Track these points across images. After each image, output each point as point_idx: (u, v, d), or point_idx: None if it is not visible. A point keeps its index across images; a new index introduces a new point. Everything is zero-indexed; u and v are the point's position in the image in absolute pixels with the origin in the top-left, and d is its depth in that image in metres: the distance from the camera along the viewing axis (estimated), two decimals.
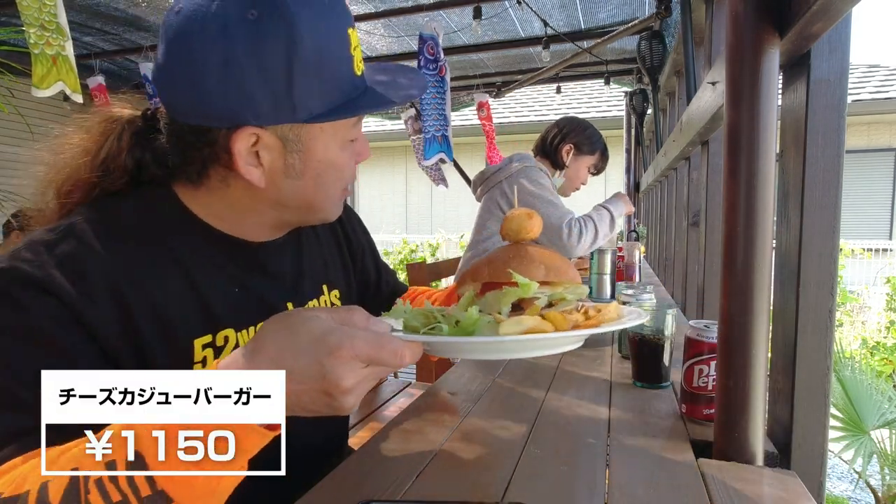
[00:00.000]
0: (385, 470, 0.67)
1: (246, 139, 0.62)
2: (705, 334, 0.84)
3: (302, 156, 0.65)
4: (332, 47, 0.61)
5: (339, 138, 0.67)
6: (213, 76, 0.58)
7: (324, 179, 0.68)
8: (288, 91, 0.59)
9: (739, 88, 0.71)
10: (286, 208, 0.71)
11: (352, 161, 0.72)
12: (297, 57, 0.58)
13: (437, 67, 3.23)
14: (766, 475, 0.68)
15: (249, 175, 0.64)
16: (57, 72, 2.53)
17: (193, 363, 0.65)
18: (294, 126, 0.63)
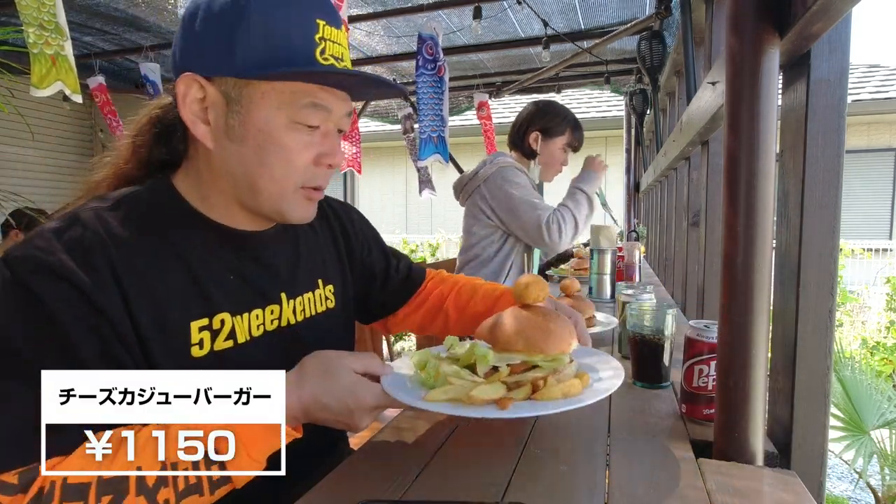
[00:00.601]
0: (385, 470, 0.67)
1: (188, 83, 0.65)
2: (705, 334, 0.84)
3: (242, 118, 0.66)
4: (284, 21, 0.64)
5: (283, 113, 0.67)
6: (182, 30, 0.67)
7: (267, 155, 0.68)
8: (230, 44, 0.63)
9: (739, 88, 0.71)
10: (239, 183, 0.71)
11: (305, 152, 0.70)
12: (244, 19, 0.63)
13: (435, 67, 3.23)
14: (766, 475, 0.68)
15: (196, 129, 0.67)
16: (56, 72, 2.53)
17: (191, 345, 0.68)
18: (237, 85, 0.65)
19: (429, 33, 3.15)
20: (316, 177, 0.73)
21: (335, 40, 0.68)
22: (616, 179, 8.65)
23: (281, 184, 0.70)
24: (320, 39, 0.66)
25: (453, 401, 0.68)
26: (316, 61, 0.66)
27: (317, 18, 0.66)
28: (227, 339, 0.71)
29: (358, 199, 10.30)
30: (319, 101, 0.68)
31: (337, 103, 0.71)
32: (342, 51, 0.69)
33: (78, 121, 6.26)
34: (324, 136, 0.71)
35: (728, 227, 0.71)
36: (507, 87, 4.86)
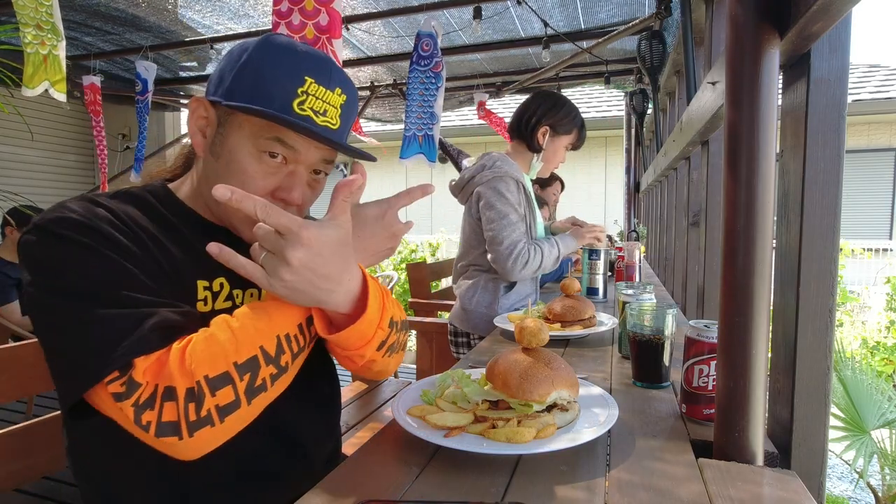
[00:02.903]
0: (385, 470, 0.67)
1: (197, 104, 0.79)
2: (705, 334, 0.84)
3: (222, 139, 0.78)
4: (272, 69, 0.74)
5: (250, 142, 0.76)
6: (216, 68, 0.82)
7: (229, 173, 0.77)
8: (228, 79, 0.76)
9: (739, 88, 0.71)
10: (209, 190, 0.77)
11: (263, 181, 0.77)
12: (243, 62, 0.76)
13: (430, 63, 3.19)
14: (766, 475, 0.68)
15: (194, 137, 0.80)
16: (44, 71, 2.53)
17: (197, 300, 0.77)
18: (226, 112, 0.77)
19: (427, 31, 3.13)
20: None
21: (320, 97, 0.75)
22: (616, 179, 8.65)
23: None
24: (302, 93, 0.74)
25: (424, 419, 0.77)
26: (290, 110, 0.73)
27: (305, 75, 0.74)
28: (226, 301, 0.80)
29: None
30: (285, 139, 0.76)
31: (306, 147, 0.77)
32: (326, 107, 0.76)
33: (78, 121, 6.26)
34: (289, 174, 0.78)
35: (728, 227, 0.71)
36: (507, 87, 4.86)
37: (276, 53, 0.75)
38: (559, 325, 1.44)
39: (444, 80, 3.23)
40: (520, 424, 0.72)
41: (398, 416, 0.78)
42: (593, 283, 2.10)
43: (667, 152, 2.38)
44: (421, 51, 3.15)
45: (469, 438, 0.72)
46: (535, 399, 0.74)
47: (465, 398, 0.79)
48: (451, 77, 4.77)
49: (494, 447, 0.69)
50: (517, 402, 0.75)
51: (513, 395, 0.75)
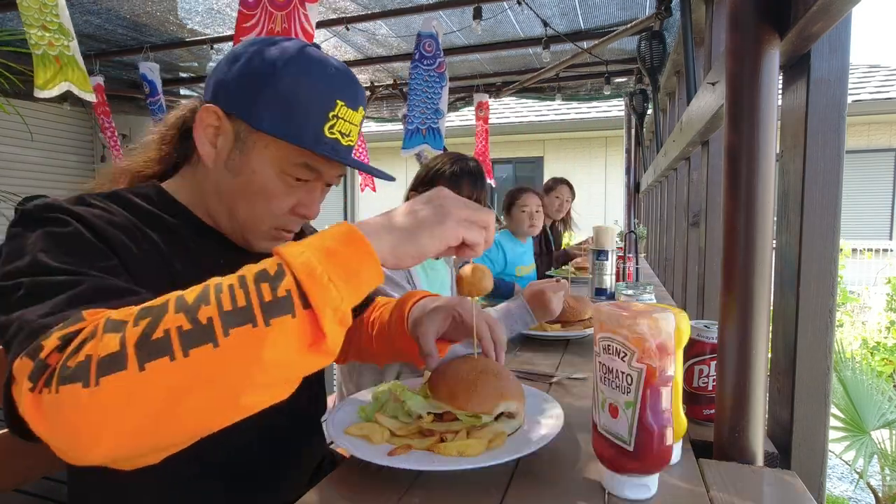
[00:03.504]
0: (385, 471, 0.67)
1: (209, 113, 0.74)
2: (705, 334, 0.84)
3: (241, 157, 0.75)
4: (307, 96, 0.72)
5: (277, 165, 0.75)
6: (222, 67, 0.76)
7: (251, 193, 0.75)
8: (253, 98, 0.72)
9: (739, 88, 0.71)
10: (222, 204, 0.78)
11: (285, 199, 0.77)
12: (273, 83, 0.72)
13: (434, 64, 3.18)
14: (766, 475, 0.68)
15: (203, 147, 0.75)
16: (63, 72, 2.52)
17: None
18: (248, 129, 0.74)
19: (428, 31, 3.13)
20: (289, 222, 0.80)
21: (347, 119, 0.76)
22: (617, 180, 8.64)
23: (256, 220, 0.78)
24: (333, 117, 0.74)
25: (365, 438, 0.71)
26: (322, 136, 0.73)
27: (338, 98, 0.74)
28: None
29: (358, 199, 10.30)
30: (312, 164, 0.75)
31: (329, 169, 0.78)
32: (350, 128, 0.77)
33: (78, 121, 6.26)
34: (308, 191, 0.79)
35: (728, 227, 0.71)
36: (508, 88, 4.86)
37: (312, 77, 0.72)
38: (559, 325, 1.44)
39: (447, 80, 3.23)
40: (469, 436, 0.70)
41: (336, 437, 0.72)
42: (601, 283, 2.10)
43: (667, 152, 2.38)
44: (424, 51, 3.15)
45: (418, 455, 0.68)
46: (485, 411, 0.71)
47: (408, 412, 0.75)
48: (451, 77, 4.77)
49: (445, 463, 0.65)
50: (465, 414, 0.72)
51: (460, 406, 0.71)
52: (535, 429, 0.75)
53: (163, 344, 0.47)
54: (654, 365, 0.57)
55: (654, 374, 0.57)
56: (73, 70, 2.55)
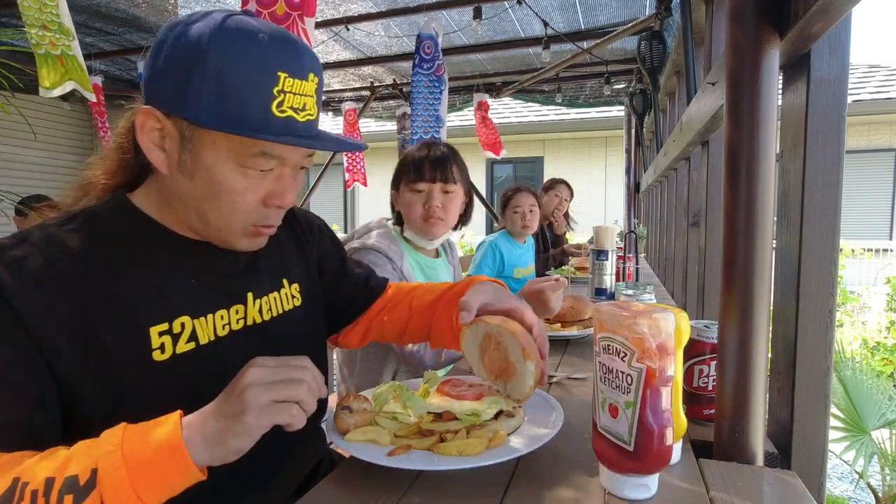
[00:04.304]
0: (385, 471, 0.67)
1: (147, 116, 0.67)
2: (705, 334, 0.84)
3: (192, 156, 0.68)
4: (241, 75, 0.64)
5: (232, 159, 0.68)
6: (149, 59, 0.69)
7: (213, 193, 0.69)
8: (185, 90, 0.64)
9: (739, 88, 0.71)
10: (189, 210, 0.72)
11: (252, 193, 0.70)
12: (200, 67, 0.63)
13: (433, 66, 3.19)
14: (766, 475, 0.68)
15: (151, 154, 0.69)
16: (66, 71, 2.52)
17: (151, 349, 0.68)
18: (189, 126, 0.66)
19: (428, 33, 3.13)
20: (267, 216, 0.74)
21: (297, 91, 0.67)
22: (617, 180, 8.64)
23: (228, 220, 0.72)
24: (279, 92, 0.65)
25: (370, 441, 0.71)
26: (271, 116, 0.65)
27: (278, 70, 0.65)
28: (188, 342, 0.71)
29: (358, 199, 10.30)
30: (270, 151, 0.68)
31: (290, 152, 0.71)
32: (304, 100, 0.68)
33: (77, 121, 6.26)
34: (276, 179, 0.72)
35: (728, 227, 0.71)
36: (508, 88, 4.86)
37: (239, 49, 0.64)
38: (559, 325, 1.44)
39: (446, 84, 3.23)
40: (469, 435, 0.70)
41: (335, 438, 0.72)
42: (601, 283, 2.10)
43: (667, 153, 2.38)
44: (423, 54, 3.15)
45: (418, 455, 0.68)
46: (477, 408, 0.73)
47: (407, 412, 0.75)
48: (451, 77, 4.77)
49: (445, 463, 0.65)
50: (463, 413, 0.73)
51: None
52: (535, 428, 0.75)
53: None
54: (654, 365, 0.57)
55: (654, 375, 0.57)
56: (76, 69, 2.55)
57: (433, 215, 1.44)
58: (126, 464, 0.53)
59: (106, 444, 0.54)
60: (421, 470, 0.68)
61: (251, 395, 0.57)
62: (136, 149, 0.73)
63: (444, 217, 1.46)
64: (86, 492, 0.51)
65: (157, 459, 0.54)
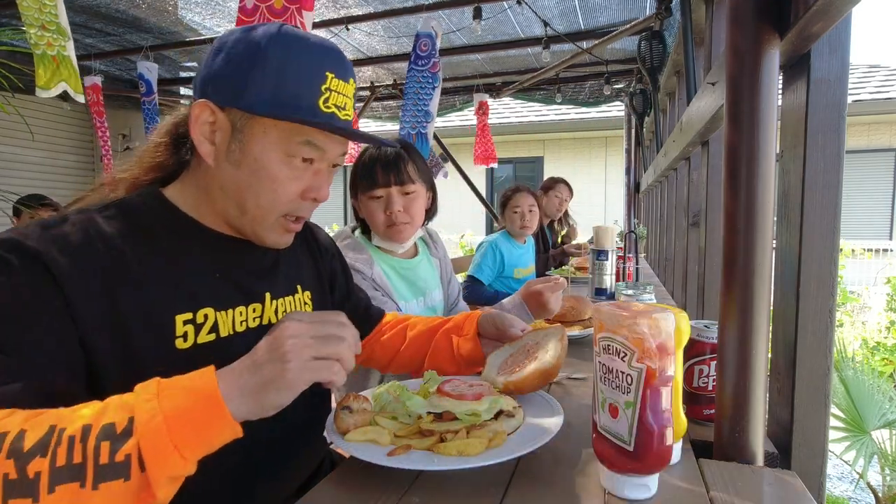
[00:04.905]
0: (385, 471, 0.67)
1: (202, 108, 0.73)
2: (705, 334, 0.84)
3: (242, 146, 0.73)
4: (296, 72, 0.71)
5: (279, 147, 0.73)
6: (207, 62, 0.75)
7: (257, 181, 0.74)
8: (244, 83, 0.71)
9: (739, 88, 0.71)
10: (229, 200, 0.76)
11: (293, 184, 0.75)
12: (261, 64, 0.71)
13: (428, 63, 3.18)
14: (766, 475, 0.68)
15: (201, 146, 0.74)
16: (59, 73, 2.52)
17: (175, 337, 0.70)
18: (243, 117, 0.72)
19: (426, 31, 3.13)
20: (300, 208, 0.79)
21: (340, 91, 0.75)
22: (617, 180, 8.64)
23: (265, 209, 0.76)
24: (326, 90, 0.73)
25: (370, 442, 0.71)
26: (318, 109, 0.72)
27: (327, 71, 0.73)
28: (209, 333, 0.74)
29: None
30: (315, 141, 0.75)
31: (332, 145, 0.77)
32: (345, 101, 0.76)
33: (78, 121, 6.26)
34: (315, 173, 0.78)
35: (728, 227, 0.71)
36: (508, 88, 4.86)
37: (296, 50, 0.72)
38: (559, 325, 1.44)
39: (440, 81, 3.23)
40: (469, 435, 0.70)
41: (335, 439, 0.73)
42: (601, 283, 2.10)
43: (667, 153, 2.38)
44: (419, 51, 3.15)
45: (418, 455, 0.68)
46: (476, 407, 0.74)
47: (407, 412, 0.75)
48: (451, 77, 4.77)
49: (445, 463, 0.65)
50: (463, 413, 0.73)
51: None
52: (535, 428, 0.75)
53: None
54: (654, 365, 0.57)
55: (654, 375, 0.57)
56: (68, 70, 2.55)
57: (396, 221, 1.38)
58: (163, 412, 0.52)
59: (142, 394, 0.54)
60: (421, 470, 0.68)
61: (293, 350, 0.57)
62: (174, 146, 0.80)
63: (409, 219, 1.41)
64: (123, 439, 0.50)
65: (195, 410, 0.53)
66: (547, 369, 0.84)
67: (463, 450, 0.67)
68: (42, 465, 0.48)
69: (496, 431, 0.71)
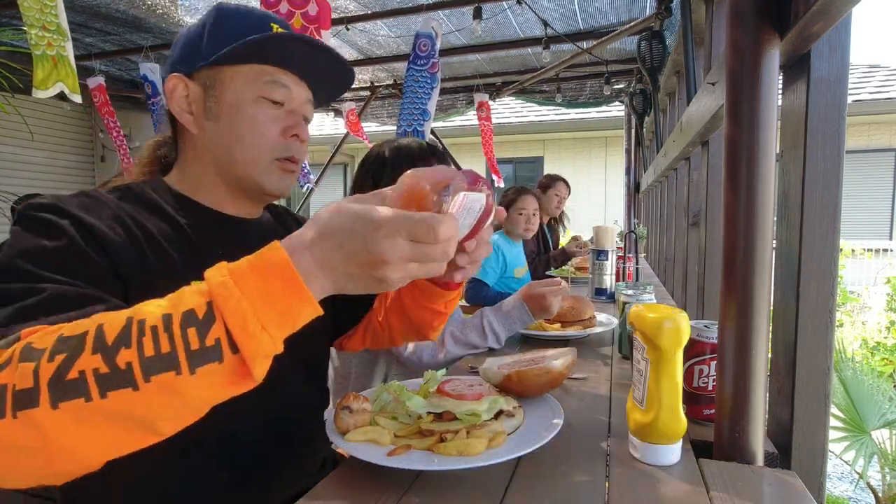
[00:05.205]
0: (385, 471, 0.67)
1: (175, 82, 0.79)
2: (705, 334, 0.84)
3: (216, 100, 0.79)
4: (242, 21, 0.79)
5: (249, 90, 0.78)
6: (170, 53, 0.84)
7: (238, 126, 0.79)
8: (199, 43, 0.79)
9: (739, 88, 0.71)
10: (220, 161, 0.81)
11: (272, 125, 0.80)
12: (210, 27, 0.79)
13: (427, 64, 3.19)
14: (766, 475, 0.68)
15: (181, 117, 0.80)
16: (57, 72, 2.52)
17: None
18: (209, 74, 0.79)
19: (426, 31, 3.13)
20: (287, 147, 0.82)
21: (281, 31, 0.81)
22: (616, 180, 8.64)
23: (253, 152, 0.80)
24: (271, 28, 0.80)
25: (370, 442, 0.71)
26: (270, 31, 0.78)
27: (271, 22, 0.81)
28: None
29: None
30: (278, 79, 0.80)
31: (294, 85, 0.82)
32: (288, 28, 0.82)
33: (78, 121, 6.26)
34: (288, 113, 0.82)
35: (728, 227, 0.71)
36: (508, 88, 4.86)
37: (238, 11, 0.81)
38: (559, 325, 1.44)
39: (439, 81, 3.24)
40: (469, 435, 0.70)
41: (335, 438, 0.73)
42: (601, 283, 2.09)
43: (667, 153, 2.38)
44: (419, 51, 3.16)
45: (418, 455, 0.68)
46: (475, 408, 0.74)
47: (407, 412, 0.75)
48: (451, 77, 4.77)
49: (445, 463, 0.65)
50: (463, 413, 0.73)
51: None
52: (535, 428, 0.75)
53: (78, 385, 0.46)
54: None
55: None
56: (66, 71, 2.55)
57: None
58: (244, 294, 0.49)
59: (215, 276, 0.50)
60: (421, 470, 0.68)
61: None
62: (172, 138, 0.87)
63: None
64: (207, 324, 0.48)
65: (274, 288, 0.50)
66: (553, 374, 0.84)
67: (463, 450, 0.67)
68: (130, 355, 0.47)
69: (496, 431, 0.71)
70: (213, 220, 0.82)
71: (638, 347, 0.72)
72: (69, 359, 0.47)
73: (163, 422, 0.50)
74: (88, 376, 0.46)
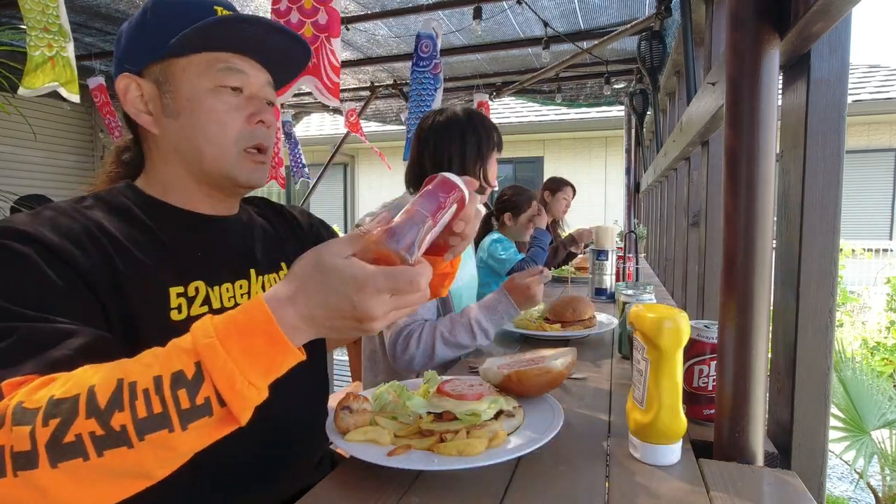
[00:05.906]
0: (385, 471, 0.67)
1: (126, 83, 0.76)
2: (705, 334, 0.84)
3: (172, 95, 0.75)
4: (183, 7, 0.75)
5: (204, 79, 0.75)
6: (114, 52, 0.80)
7: (198, 119, 0.75)
8: (141, 37, 0.75)
9: (739, 88, 0.71)
10: (186, 159, 0.78)
11: (235, 113, 0.76)
12: (150, 17, 0.75)
13: (429, 65, 3.21)
14: (766, 475, 0.68)
15: (141, 120, 0.77)
16: (52, 72, 2.52)
17: (170, 309, 0.71)
18: (160, 69, 0.75)
19: (427, 32, 3.14)
20: (253, 134, 0.79)
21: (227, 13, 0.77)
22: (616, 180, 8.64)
23: (219, 144, 0.77)
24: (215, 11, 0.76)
25: (371, 442, 0.71)
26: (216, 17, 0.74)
27: (214, 6, 0.76)
28: (202, 305, 0.75)
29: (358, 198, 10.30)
30: (233, 65, 0.76)
31: (251, 69, 0.78)
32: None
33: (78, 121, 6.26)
34: (249, 99, 0.79)
35: (728, 227, 0.71)
36: (508, 88, 4.85)
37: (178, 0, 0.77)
38: (559, 325, 1.44)
39: (441, 82, 3.26)
40: (469, 435, 0.70)
41: (335, 439, 0.73)
42: (601, 283, 2.09)
43: (667, 153, 2.38)
44: (421, 52, 3.17)
45: (418, 455, 0.68)
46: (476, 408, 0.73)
47: (407, 412, 0.75)
48: (451, 77, 4.77)
49: (445, 463, 0.65)
50: (463, 413, 0.73)
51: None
52: (535, 428, 0.75)
53: (76, 447, 0.48)
54: None
55: None
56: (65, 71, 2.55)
57: None
58: (230, 355, 0.51)
59: (201, 337, 0.52)
60: (421, 470, 0.68)
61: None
62: (134, 141, 0.83)
63: None
64: (196, 385, 0.51)
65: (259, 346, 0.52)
66: (553, 374, 0.84)
67: (463, 450, 0.67)
68: (124, 418, 0.49)
69: (496, 431, 0.71)
70: (185, 220, 0.79)
71: (638, 347, 0.72)
72: (64, 423, 0.48)
73: (157, 470, 0.53)
74: (85, 439, 0.48)
